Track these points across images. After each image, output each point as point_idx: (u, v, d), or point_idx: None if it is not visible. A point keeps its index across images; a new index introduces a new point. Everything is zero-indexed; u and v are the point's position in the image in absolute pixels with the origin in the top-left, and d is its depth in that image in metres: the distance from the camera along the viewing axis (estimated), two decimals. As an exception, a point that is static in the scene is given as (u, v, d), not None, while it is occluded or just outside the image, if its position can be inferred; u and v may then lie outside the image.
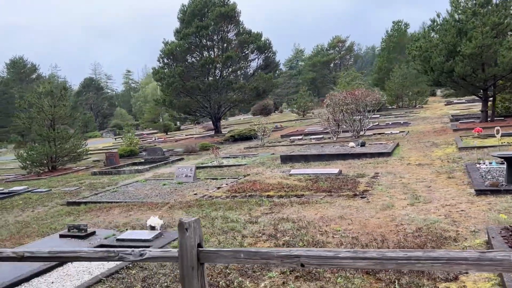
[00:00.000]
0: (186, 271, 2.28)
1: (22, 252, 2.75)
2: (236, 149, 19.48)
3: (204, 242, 5.61)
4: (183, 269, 2.30)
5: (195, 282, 2.27)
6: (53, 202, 10.47)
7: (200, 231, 2.36)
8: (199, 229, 2.33)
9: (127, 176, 14.12)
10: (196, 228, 2.31)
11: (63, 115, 18.37)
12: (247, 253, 2.16)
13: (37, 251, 2.70)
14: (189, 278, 2.27)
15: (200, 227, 2.35)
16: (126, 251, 2.44)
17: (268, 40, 28.98)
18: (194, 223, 2.30)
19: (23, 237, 7.09)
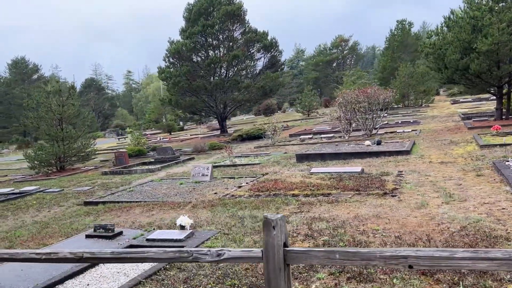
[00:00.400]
0: (272, 272, 2.10)
1: (81, 253, 2.57)
2: (246, 148, 19.30)
3: (238, 242, 5.44)
4: (269, 271, 2.11)
5: (282, 285, 2.09)
6: (69, 202, 10.29)
7: (286, 230, 2.17)
8: (285, 227, 2.15)
9: (139, 176, 13.93)
10: (282, 226, 2.13)
11: (71, 115, 18.18)
12: (344, 254, 1.98)
13: (99, 252, 2.52)
14: (276, 280, 2.09)
15: (285, 225, 2.17)
16: (201, 251, 2.26)
17: (275, 39, 28.83)
18: (280, 221, 2.12)
19: (45, 237, 6.90)
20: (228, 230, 6.01)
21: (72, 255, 2.58)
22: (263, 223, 2.14)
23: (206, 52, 29.39)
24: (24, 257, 2.72)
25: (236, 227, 6.13)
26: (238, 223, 6.34)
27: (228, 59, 26.82)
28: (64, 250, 2.62)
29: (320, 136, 19.72)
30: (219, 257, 2.21)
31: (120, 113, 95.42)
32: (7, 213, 9.74)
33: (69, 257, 2.59)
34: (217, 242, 5.50)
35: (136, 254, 2.43)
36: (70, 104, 17.96)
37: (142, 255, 2.41)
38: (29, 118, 17.96)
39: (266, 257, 2.11)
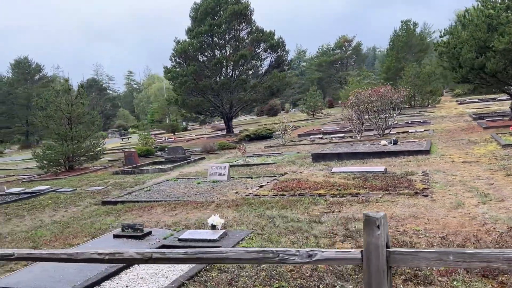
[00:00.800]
0: (374, 275, 1.93)
1: (150, 253, 2.40)
2: (257, 148, 19.12)
3: (275, 242, 5.27)
4: (370, 274, 1.95)
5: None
6: (85, 202, 10.12)
7: (387, 229, 2.00)
8: (387, 227, 1.98)
9: (152, 176, 13.74)
10: (385, 225, 1.96)
11: (80, 114, 18.01)
12: (460, 255, 1.81)
13: (171, 252, 2.35)
14: (378, 283, 1.92)
15: (387, 224, 2.00)
16: (288, 252, 2.09)
17: (281, 38, 28.68)
18: (383, 219, 1.95)
19: (69, 237, 6.73)
20: (261, 230, 5.84)
21: (140, 255, 2.41)
22: (364, 222, 1.97)
23: (213, 51, 29.23)
24: (84, 257, 2.55)
25: (268, 227, 5.96)
26: (269, 223, 6.16)
27: (235, 59, 26.65)
28: (129, 250, 2.45)
29: (331, 136, 19.55)
30: (310, 258, 2.04)
31: (121, 113, 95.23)
32: (23, 213, 9.57)
33: (136, 257, 2.41)
34: (253, 243, 5.32)
35: (214, 254, 2.26)
36: (79, 103, 17.79)
37: (221, 256, 2.24)
38: (38, 117, 17.77)
39: (367, 258, 1.95)
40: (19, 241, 6.89)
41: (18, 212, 9.68)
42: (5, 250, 2.83)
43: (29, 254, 2.80)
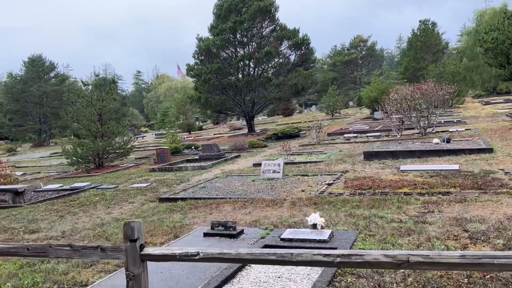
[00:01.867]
0: None
1: (407, 256, 1.91)
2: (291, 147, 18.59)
3: (396, 245, 4.76)
4: None
5: None
6: (137, 199, 9.68)
7: None
8: None
9: (193, 173, 13.27)
10: None
11: (111, 110, 17.62)
12: None
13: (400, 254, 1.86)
14: None
15: None
16: (443, 255, 1.59)
17: (306, 36, 28.15)
18: None
19: (146, 236, 6.25)
20: (368, 231, 5.34)
21: (389, 258, 1.92)
22: None
23: (235, 49, 28.79)
24: (304, 259, 2.07)
25: (373, 228, 5.47)
26: (371, 224, 5.67)
27: (260, 56, 26.17)
28: (372, 253, 1.97)
29: (366, 135, 19.01)
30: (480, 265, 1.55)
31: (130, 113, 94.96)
32: (74, 210, 9.15)
33: (384, 261, 1.93)
34: (369, 244, 4.83)
35: (508, 259, 1.77)
36: (112, 99, 17.40)
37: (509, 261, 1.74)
38: (69, 112, 17.38)
39: None
40: (91, 239, 6.44)
41: (68, 209, 9.26)
42: (188, 249, 2.36)
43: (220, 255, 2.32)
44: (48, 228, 7.63)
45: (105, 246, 2.63)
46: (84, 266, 5.03)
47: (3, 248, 2.91)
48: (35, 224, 8.02)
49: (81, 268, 5.00)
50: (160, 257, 2.46)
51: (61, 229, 7.43)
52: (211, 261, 2.35)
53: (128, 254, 2.49)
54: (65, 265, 5.17)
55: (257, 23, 28.07)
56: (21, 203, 10.59)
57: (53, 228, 7.60)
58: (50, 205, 10.08)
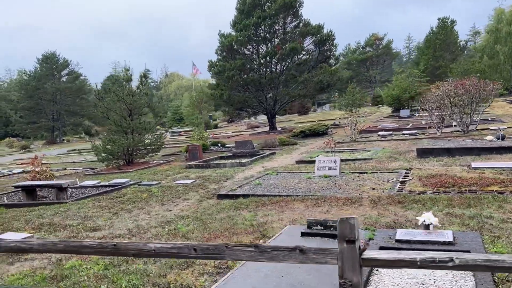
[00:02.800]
0: None
1: None
2: (324, 144, 18.09)
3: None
4: None
5: None
6: (190, 195, 9.24)
7: None
8: None
9: (233, 170, 12.81)
10: None
11: (142, 105, 17.22)
12: None
13: None
14: None
15: None
16: None
17: (331, 32, 27.58)
18: None
19: (227, 235, 5.81)
20: (489, 232, 4.84)
21: None
22: None
23: (257, 45, 28.30)
24: None
25: (490, 228, 4.96)
26: (484, 224, 5.16)
27: (285, 52, 25.66)
28: None
29: (402, 133, 18.46)
30: None
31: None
32: (126, 206, 8.73)
33: None
34: (501, 247, 4.33)
35: None
36: (143, 94, 17.01)
37: None
38: (99, 107, 16.99)
39: None
40: (167, 238, 6.00)
41: (120, 206, 8.84)
42: (431, 254, 1.88)
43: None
44: (109, 225, 7.22)
45: (305, 247, 2.16)
46: (179, 268, 4.58)
47: (161, 248, 2.45)
48: (92, 221, 7.62)
49: (177, 269, 4.55)
50: (389, 262, 2.00)
51: (124, 226, 7.01)
52: (469, 269, 1.88)
53: (345, 257, 2.03)
54: (155, 266, 4.73)
55: (280, 18, 27.59)
56: (64, 199, 10.20)
57: (114, 225, 7.18)
58: (96, 201, 9.68)
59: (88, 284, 4.40)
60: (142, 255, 2.58)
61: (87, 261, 5.11)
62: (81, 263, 5.07)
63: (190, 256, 2.40)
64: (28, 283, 4.53)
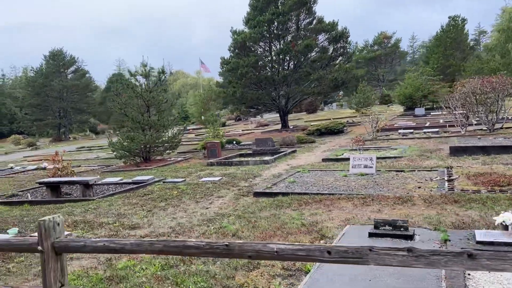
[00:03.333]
0: None
1: None
2: (343, 142, 17.81)
3: None
4: None
5: None
6: (223, 192, 8.96)
7: None
8: None
9: (258, 167, 12.50)
10: None
11: (160, 101, 16.94)
12: None
13: None
14: None
15: None
16: None
17: (346, 29, 27.22)
18: None
19: (276, 235, 5.53)
20: None
21: None
22: None
23: (270, 42, 27.96)
24: None
25: None
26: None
27: (299, 49, 25.31)
28: None
29: (423, 131, 18.13)
30: None
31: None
32: (159, 204, 8.45)
33: None
34: None
35: None
36: (161, 90, 16.74)
37: None
38: (117, 103, 16.71)
39: None
40: (212, 235, 5.72)
41: (152, 203, 8.57)
42: None
43: None
44: (147, 223, 6.95)
45: (474, 251, 1.87)
46: (245, 269, 4.30)
47: (286, 250, 2.16)
48: (127, 219, 7.35)
49: (243, 270, 4.27)
50: None
51: (165, 224, 6.74)
52: None
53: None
54: (216, 267, 4.45)
55: (294, 15, 27.25)
56: (91, 196, 9.95)
57: (153, 223, 6.91)
58: (125, 198, 9.42)
59: (150, 286, 4.12)
60: (260, 257, 2.30)
61: (140, 261, 4.84)
62: (134, 263, 4.80)
63: (322, 260, 2.11)
64: (85, 284, 4.26)
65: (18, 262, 5.32)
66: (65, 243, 2.78)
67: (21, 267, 5.10)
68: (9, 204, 10.22)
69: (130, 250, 2.56)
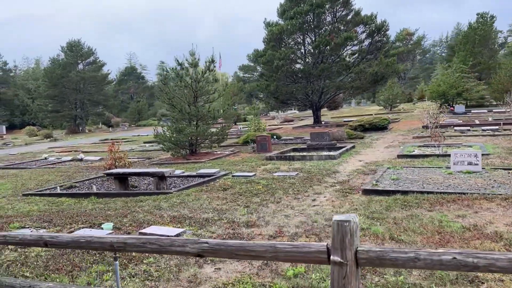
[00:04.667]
0: None
1: None
2: (400, 138, 16.96)
3: None
4: None
5: None
6: (316, 189, 8.17)
7: None
8: None
9: (326, 163, 11.67)
10: None
11: (208, 92, 16.16)
12: None
13: None
14: None
15: None
16: None
17: (385, 21, 26.28)
18: None
19: (453, 241, 4.73)
20: None
21: None
22: None
23: (306, 34, 27.08)
24: None
25: None
26: None
27: (339, 41, 24.43)
28: None
29: (481, 128, 17.25)
30: None
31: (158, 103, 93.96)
32: (251, 199, 7.69)
33: None
34: None
35: None
36: (212, 80, 15.95)
37: None
38: (165, 94, 15.92)
39: None
40: (368, 237, 4.93)
41: (242, 198, 7.82)
42: None
43: None
44: (260, 221, 6.19)
45: None
46: (460, 283, 3.51)
47: None
48: (230, 215, 6.61)
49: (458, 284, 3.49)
50: None
51: (283, 223, 5.96)
52: None
53: None
54: (414, 277, 3.67)
55: (330, 7, 26.37)
56: (165, 189, 9.22)
57: (269, 221, 6.14)
58: (204, 192, 8.69)
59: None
60: None
61: (311, 267, 4.07)
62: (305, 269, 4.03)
63: None
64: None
65: (148, 263, 4.58)
66: (378, 253, 2.00)
67: (161, 269, 4.35)
68: (72, 196, 9.53)
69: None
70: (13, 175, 14.07)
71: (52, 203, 8.94)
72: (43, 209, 8.32)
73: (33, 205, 8.93)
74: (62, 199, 9.30)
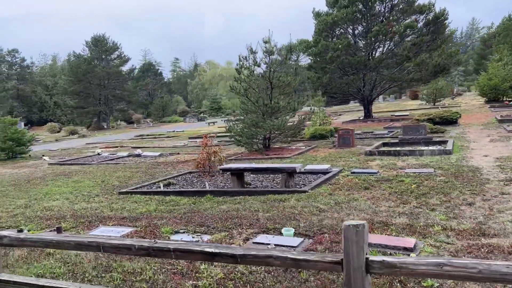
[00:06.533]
0: None
1: None
2: (486, 132, 15.60)
3: None
4: None
5: None
6: (494, 187, 6.91)
7: None
8: None
9: (442, 159, 10.43)
10: None
11: (285, 84, 14.92)
12: None
13: None
14: None
15: None
16: None
17: (444, 10, 24.75)
18: None
19: None
20: None
21: None
22: None
23: (354, 24, 25.72)
24: None
25: None
26: None
27: (399, 30, 23.02)
28: None
29: None
30: None
31: (176, 99, 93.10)
32: (428, 199, 6.48)
33: None
34: None
35: None
36: (290, 70, 14.76)
37: None
38: (241, 82, 14.68)
39: None
40: None
41: (403, 198, 6.61)
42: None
43: None
44: (472, 223, 4.95)
45: None
46: None
47: None
48: (425, 219, 5.37)
49: None
50: None
51: None
52: None
53: None
54: None
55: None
56: (293, 186, 8.05)
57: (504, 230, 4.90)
58: (339, 189, 7.52)
59: None
60: None
61: None
62: None
63: None
64: None
65: None
66: None
67: None
68: (180, 194, 8.42)
69: None
70: (80, 172, 13.00)
71: (165, 202, 7.85)
72: (165, 210, 7.21)
73: (143, 204, 7.83)
74: (172, 197, 8.20)
